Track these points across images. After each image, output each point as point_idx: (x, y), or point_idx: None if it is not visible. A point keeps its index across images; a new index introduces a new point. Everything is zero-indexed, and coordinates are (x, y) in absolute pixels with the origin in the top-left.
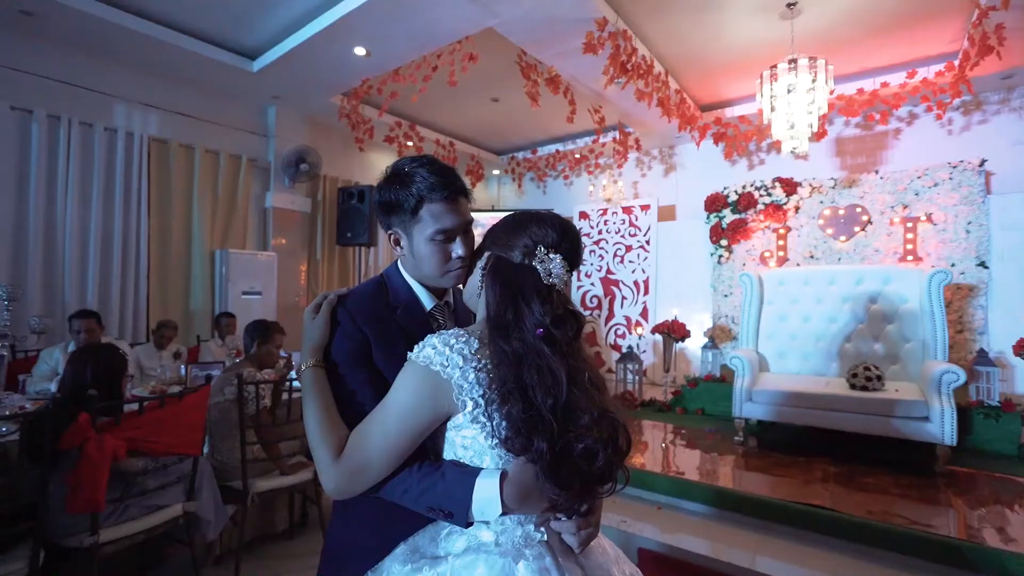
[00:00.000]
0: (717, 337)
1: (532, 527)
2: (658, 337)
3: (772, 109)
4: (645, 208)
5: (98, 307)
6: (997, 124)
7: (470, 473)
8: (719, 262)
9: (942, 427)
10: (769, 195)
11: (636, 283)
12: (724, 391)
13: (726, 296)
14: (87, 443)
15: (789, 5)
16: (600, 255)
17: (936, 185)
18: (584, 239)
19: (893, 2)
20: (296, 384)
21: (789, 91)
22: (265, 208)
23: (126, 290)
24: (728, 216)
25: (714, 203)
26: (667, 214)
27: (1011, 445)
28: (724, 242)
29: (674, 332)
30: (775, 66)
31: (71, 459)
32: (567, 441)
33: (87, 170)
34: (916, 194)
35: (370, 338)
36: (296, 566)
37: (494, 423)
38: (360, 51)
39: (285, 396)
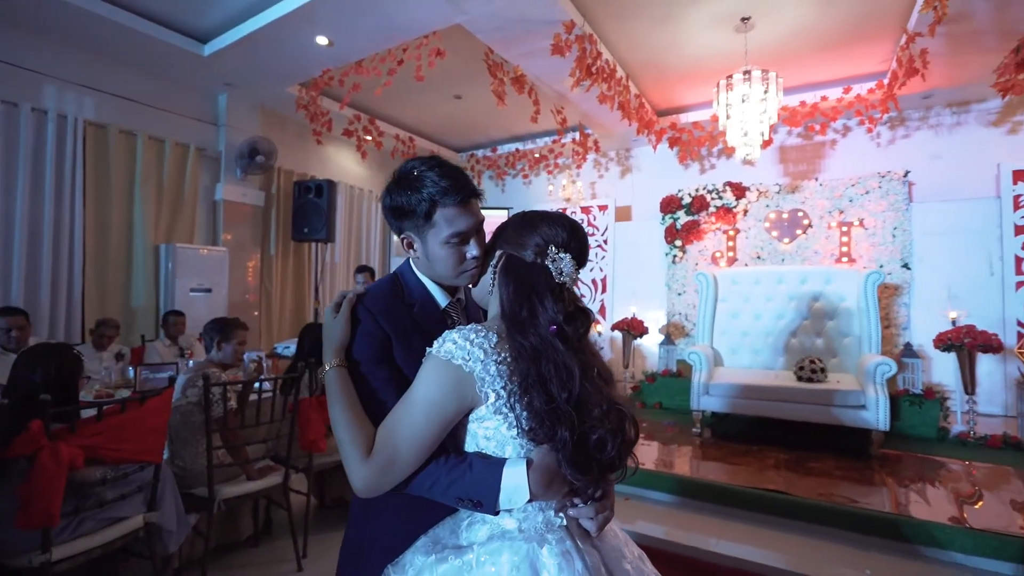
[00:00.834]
0: (672, 333)
1: (552, 513)
2: (616, 334)
3: (727, 117)
4: (603, 208)
5: (24, 304)
6: (918, 139)
7: (497, 463)
8: (673, 262)
9: (877, 414)
10: (720, 198)
11: (594, 282)
12: (681, 385)
13: (680, 294)
14: (40, 452)
15: (743, 19)
16: None
17: (867, 193)
18: None
19: (834, 23)
20: (265, 386)
21: (743, 100)
22: (215, 200)
23: (57, 286)
24: (682, 218)
25: (669, 205)
26: (624, 215)
27: (932, 429)
28: (678, 242)
29: (633, 329)
30: (731, 76)
31: (20, 470)
32: (583, 431)
33: (11, 154)
34: (850, 201)
35: (391, 335)
36: (262, 574)
37: (516, 413)
38: (322, 40)
39: (254, 397)
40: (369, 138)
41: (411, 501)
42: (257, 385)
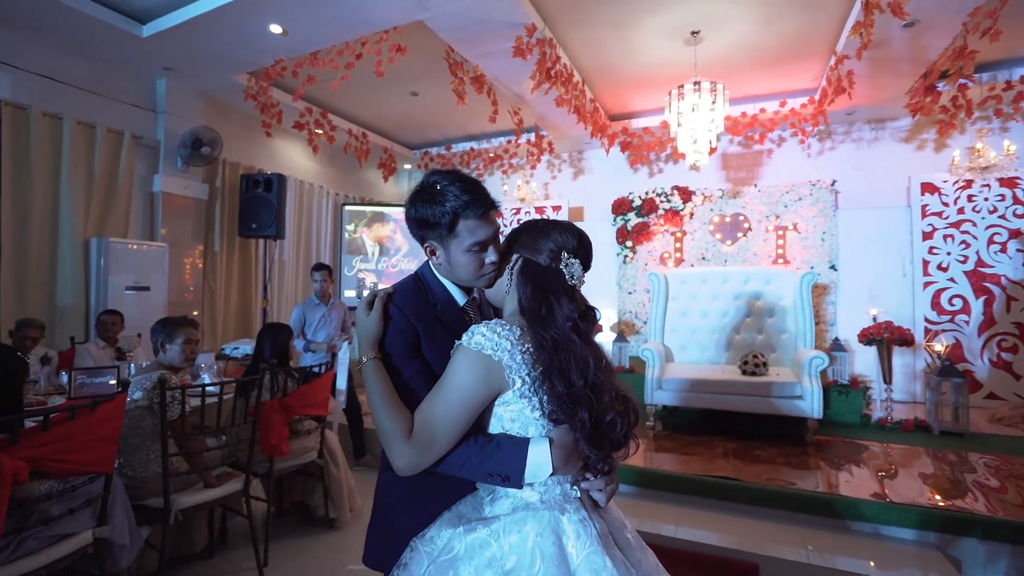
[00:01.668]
0: (624, 331)
1: (568, 486)
2: None
3: (679, 125)
4: (556, 209)
5: None
6: (842, 151)
7: (522, 442)
8: (624, 262)
9: (812, 403)
10: (668, 201)
11: None
12: (634, 380)
13: (630, 293)
14: None
15: (693, 33)
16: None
17: (800, 199)
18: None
19: (773, 41)
20: (212, 389)
21: (694, 110)
22: (153, 192)
23: None
24: (633, 219)
25: (620, 207)
26: (576, 215)
27: (856, 415)
28: (629, 243)
29: None
30: (682, 86)
31: None
32: (598, 413)
33: None
34: (785, 206)
35: (419, 331)
36: None
37: (539, 397)
38: (276, 29)
39: (213, 400)
40: (320, 132)
41: (431, 484)
42: (213, 388)
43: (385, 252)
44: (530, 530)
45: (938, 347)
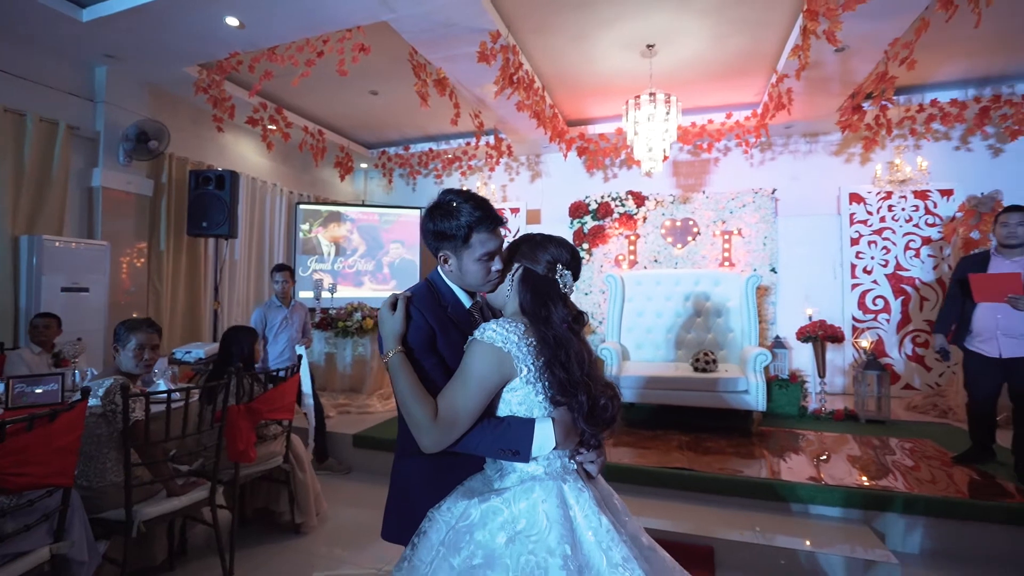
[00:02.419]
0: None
1: (567, 460)
2: None
3: (635, 133)
4: (515, 211)
5: None
6: (781, 162)
7: (529, 421)
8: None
9: (756, 397)
10: (623, 206)
11: None
12: None
13: (587, 294)
14: None
15: (648, 46)
16: None
17: (744, 206)
18: None
19: (722, 57)
20: (170, 394)
21: (649, 119)
22: (92, 187)
23: None
24: (589, 222)
25: (577, 210)
26: (534, 218)
27: (795, 407)
28: (585, 245)
29: None
30: (639, 97)
31: None
32: (593, 396)
33: None
34: (731, 212)
35: (435, 329)
36: None
37: (543, 383)
38: (232, 21)
39: (176, 407)
40: (274, 128)
41: (452, 465)
42: (177, 395)
43: (341, 252)
44: (537, 497)
45: (864, 343)
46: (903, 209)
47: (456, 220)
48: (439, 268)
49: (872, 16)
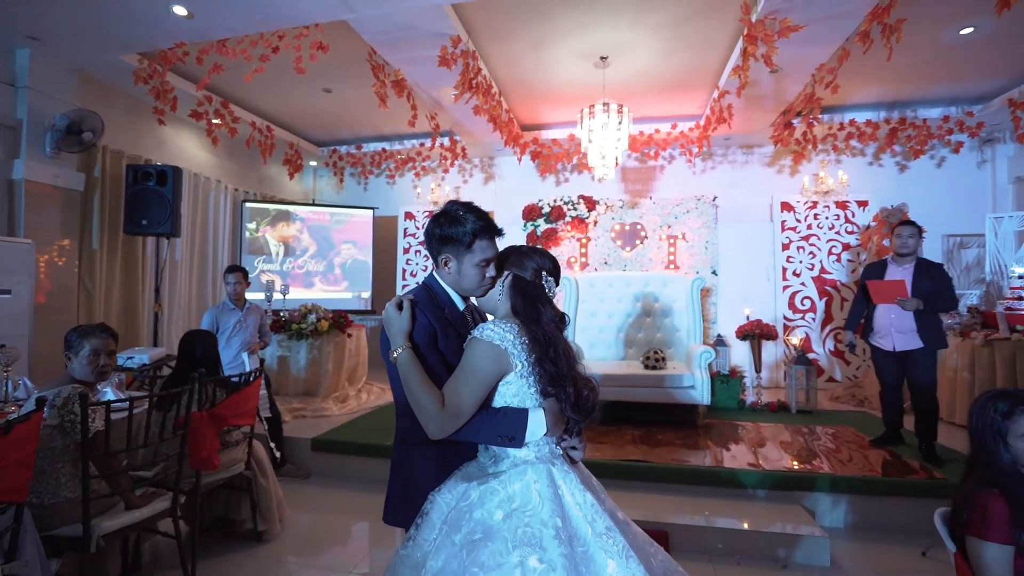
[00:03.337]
0: None
1: (553, 445)
2: None
3: (589, 141)
4: None
5: None
6: (720, 171)
7: (523, 410)
8: None
9: (702, 392)
10: (575, 209)
11: None
12: None
13: None
14: None
15: (602, 58)
16: (426, 255)
17: (688, 212)
18: (409, 239)
19: (669, 71)
20: (113, 403)
21: (603, 127)
22: (12, 180)
23: None
24: (542, 225)
25: (531, 213)
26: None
27: (734, 401)
28: (539, 248)
29: None
30: (593, 106)
31: None
32: (578, 388)
33: None
34: (676, 218)
35: (437, 329)
36: None
37: (535, 376)
38: (180, 11)
39: (124, 415)
40: (219, 122)
41: (443, 453)
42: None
43: (291, 253)
44: (530, 478)
45: (794, 340)
46: (827, 218)
47: (462, 227)
48: (435, 273)
49: (802, 43)
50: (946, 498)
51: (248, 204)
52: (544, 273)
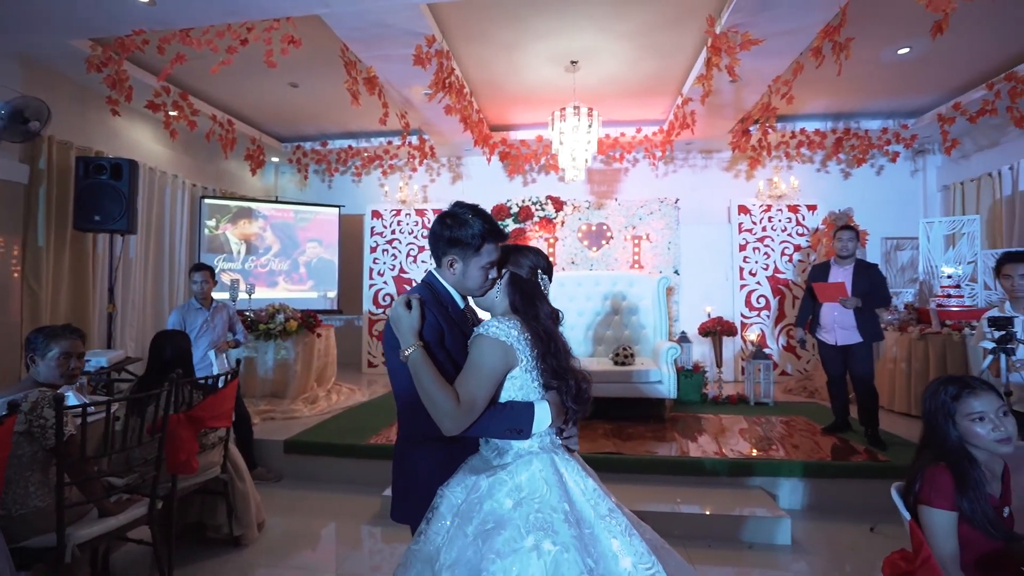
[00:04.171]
0: None
1: (554, 436)
2: None
3: (561, 143)
4: (437, 212)
5: None
6: (682, 174)
7: (528, 404)
8: None
9: (669, 387)
10: (543, 210)
11: None
12: None
13: None
14: None
15: (572, 62)
16: (393, 254)
17: (651, 213)
18: (377, 238)
19: (635, 78)
20: (88, 405)
21: (574, 130)
22: None
23: None
24: (510, 225)
25: (499, 213)
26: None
27: (697, 394)
28: None
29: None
30: (564, 109)
31: None
32: (577, 381)
33: None
34: (640, 219)
35: (443, 327)
36: None
37: (538, 370)
38: None
39: (98, 418)
40: (175, 114)
41: (450, 450)
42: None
43: (253, 251)
44: (536, 467)
45: (752, 336)
46: (780, 221)
47: (471, 230)
48: (436, 272)
49: (761, 56)
50: (890, 478)
51: (207, 200)
52: (539, 271)
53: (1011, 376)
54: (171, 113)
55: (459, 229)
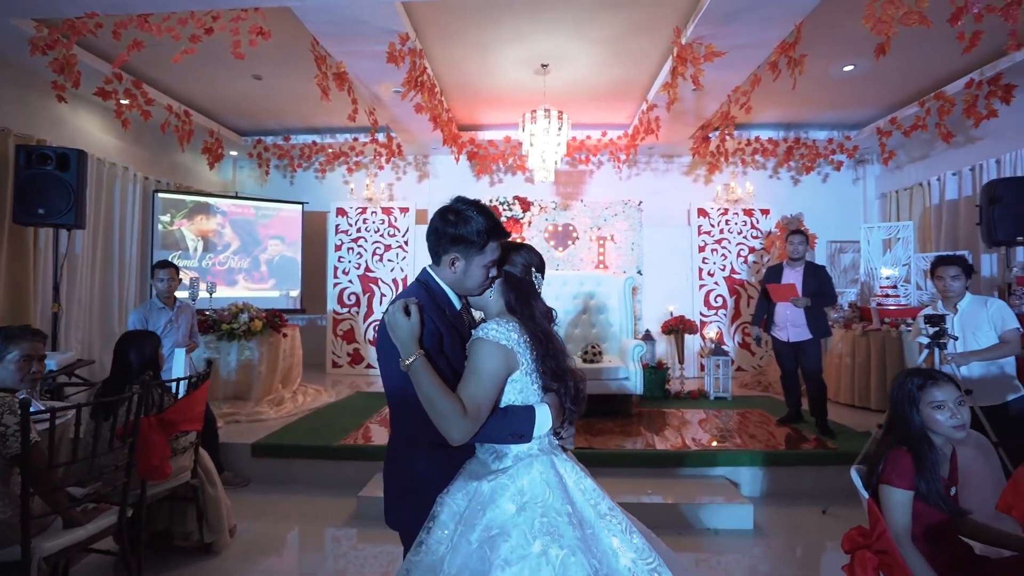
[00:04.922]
0: None
1: (552, 437)
2: None
3: (531, 144)
4: (404, 211)
5: None
6: (645, 177)
7: (529, 408)
8: None
9: (635, 383)
10: (511, 210)
11: (395, 281)
12: None
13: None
14: None
15: (543, 65)
16: (359, 253)
17: (616, 215)
18: (342, 236)
19: (602, 82)
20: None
21: (545, 132)
22: None
23: None
24: None
25: None
26: (423, 218)
27: (661, 390)
28: None
29: None
30: (535, 111)
31: None
32: (575, 381)
33: None
34: (605, 220)
35: (443, 332)
36: None
37: (538, 372)
38: None
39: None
40: (127, 102)
41: (450, 455)
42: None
43: (211, 248)
44: (537, 470)
45: (710, 334)
46: (736, 224)
47: (475, 227)
48: (432, 270)
49: (723, 67)
50: (838, 464)
51: (161, 194)
52: (533, 269)
53: (943, 368)
54: (123, 102)
55: (463, 226)
